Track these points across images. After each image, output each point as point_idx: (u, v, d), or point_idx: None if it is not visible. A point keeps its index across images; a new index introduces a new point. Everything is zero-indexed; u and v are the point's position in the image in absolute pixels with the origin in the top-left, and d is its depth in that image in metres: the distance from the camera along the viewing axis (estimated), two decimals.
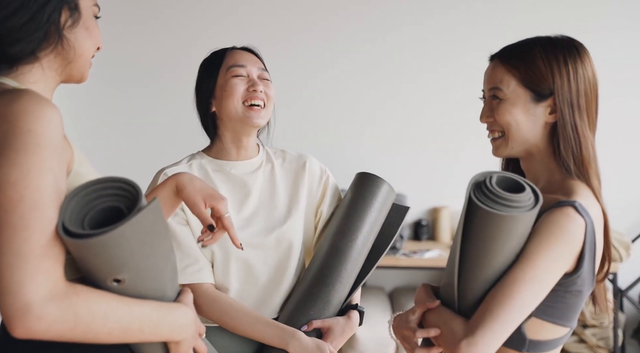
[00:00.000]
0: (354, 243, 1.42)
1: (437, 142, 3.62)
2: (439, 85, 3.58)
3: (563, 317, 1.08)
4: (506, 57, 1.16)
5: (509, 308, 1.00)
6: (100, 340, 0.90)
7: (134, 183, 0.92)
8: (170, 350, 1.02)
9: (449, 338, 1.04)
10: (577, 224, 1.03)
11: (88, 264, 0.90)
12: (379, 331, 3.03)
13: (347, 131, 3.62)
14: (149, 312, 0.94)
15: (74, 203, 0.90)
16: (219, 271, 1.44)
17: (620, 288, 3.26)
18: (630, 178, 3.50)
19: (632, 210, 3.49)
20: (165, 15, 3.60)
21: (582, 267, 1.05)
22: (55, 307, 0.83)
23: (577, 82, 1.11)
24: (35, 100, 0.90)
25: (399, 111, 3.62)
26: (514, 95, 1.13)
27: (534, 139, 1.14)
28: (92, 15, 1.06)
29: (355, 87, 3.62)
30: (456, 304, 1.08)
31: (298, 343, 1.36)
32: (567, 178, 1.12)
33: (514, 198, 1.00)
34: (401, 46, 3.59)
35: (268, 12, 3.59)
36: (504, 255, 1.02)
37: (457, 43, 3.53)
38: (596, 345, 3.07)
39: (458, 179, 3.57)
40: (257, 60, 1.52)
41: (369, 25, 3.58)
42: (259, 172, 1.50)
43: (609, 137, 3.46)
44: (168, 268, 0.99)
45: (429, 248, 3.29)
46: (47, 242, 0.85)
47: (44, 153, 0.87)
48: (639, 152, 3.51)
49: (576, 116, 1.11)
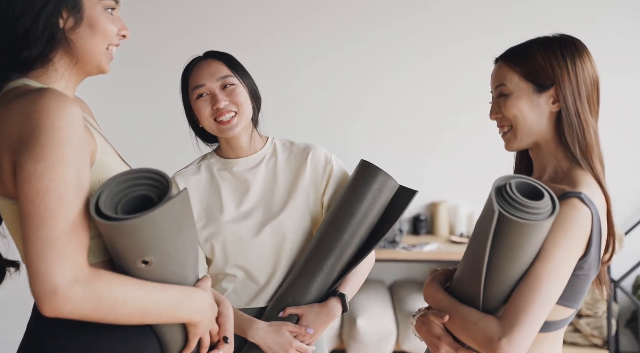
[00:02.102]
0: (340, 235, 1.44)
1: (435, 138, 3.67)
2: (437, 81, 3.63)
3: (571, 299, 1.16)
4: (508, 57, 1.25)
5: (539, 303, 1.07)
6: (121, 321, 0.97)
7: (165, 174, 0.99)
8: (188, 331, 1.10)
9: (484, 339, 1.08)
10: (584, 214, 1.10)
11: (119, 246, 0.97)
12: (380, 323, 3.10)
13: (343, 127, 3.67)
14: (168, 298, 1.01)
15: (110, 190, 0.97)
16: (218, 262, 1.51)
17: (614, 278, 3.33)
18: (623, 173, 3.56)
19: (626, 203, 3.56)
20: (152, 9, 3.65)
21: (590, 253, 1.12)
22: (79, 290, 0.91)
23: (576, 72, 1.19)
24: (56, 98, 0.96)
25: (397, 107, 3.67)
26: (518, 88, 1.21)
27: (541, 129, 1.22)
28: (101, 11, 1.07)
29: (352, 82, 3.67)
30: (481, 304, 1.13)
31: (255, 331, 1.44)
32: (573, 167, 1.19)
33: (534, 205, 1.05)
34: (399, 41, 3.64)
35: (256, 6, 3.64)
36: (527, 257, 1.08)
37: (460, 41, 3.59)
38: (590, 334, 3.15)
39: (455, 174, 3.66)
40: (218, 68, 1.50)
41: (359, 20, 3.63)
42: (260, 167, 1.55)
43: (603, 133, 3.54)
44: (191, 255, 1.06)
45: (428, 242, 3.37)
46: (72, 230, 0.92)
47: (67, 147, 0.94)
48: (632, 147, 3.58)
49: (578, 103, 1.19)
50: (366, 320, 3.11)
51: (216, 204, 1.53)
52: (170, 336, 1.10)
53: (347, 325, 3.18)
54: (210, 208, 1.53)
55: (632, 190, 3.58)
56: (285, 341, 1.43)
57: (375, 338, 3.10)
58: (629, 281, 3.53)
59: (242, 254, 1.50)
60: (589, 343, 3.17)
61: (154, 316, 1.01)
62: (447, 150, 3.66)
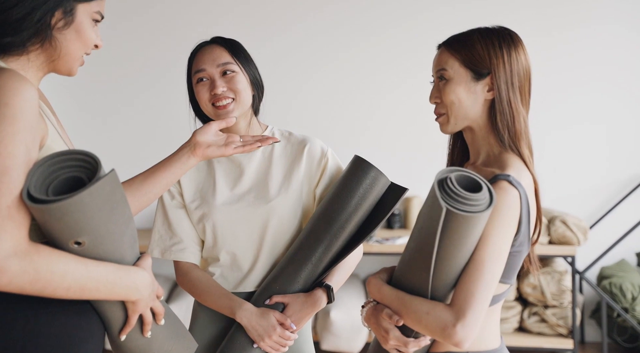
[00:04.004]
0: (330, 227, 1.47)
1: (407, 136, 3.74)
2: (413, 79, 3.70)
3: (506, 276, 1.23)
4: (450, 43, 1.32)
5: (485, 285, 1.13)
6: (59, 295, 0.99)
7: (94, 156, 1.00)
8: (127, 308, 1.13)
9: (438, 327, 1.12)
10: (512, 195, 1.18)
11: (51, 228, 0.99)
12: (353, 315, 3.15)
13: (321, 123, 3.72)
14: (105, 274, 1.03)
15: (39, 172, 0.98)
16: (208, 244, 1.56)
17: (579, 270, 3.44)
18: (590, 169, 3.68)
19: (591, 198, 3.68)
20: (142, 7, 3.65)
21: (520, 231, 1.20)
22: (17, 263, 0.93)
23: (511, 63, 1.27)
24: (15, 78, 0.99)
25: (374, 103, 3.74)
26: (457, 75, 1.28)
27: (474, 115, 1.29)
28: (89, 21, 1.15)
29: (330, 82, 3.72)
30: (429, 293, 1.17)
31: (244, 312, 1.48)
32: (503, 152, 1.27)
33: (474, 197, 1.10)
34: (394, 39, 3.69)
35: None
36: (470, 245, 1.14)
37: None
38: (556, 324, 3.25)
39: (427, 171, 3.73)
40: (220, 54, 1.53)
41: (356, 17, 3.67)
42: (256, 153, 1.58)
43: (571, 129, 3.65)
44: (127, 233, 1.08)
45: (401, 235, 3.44)
46: (14, 205, 0.94)
47: (19, 125, 0.96)
48: (599, 143, 3.68)
49: (510, 93, 1.26)
50: (340, 312, 3.16)
51: (210, 186, 1.57)
52: (111, 313, 1.12)
53: (321, 317, 3.23)
54: (205, 190, 1.57)
55: (596, 186, 3.69)
56: (270, 326, 1.47)
57: (348, 330, 3.16)
58: (593, 272, 3.64)
59: (230, 237, 1.54)
60: (554, 333, 3.27)
61: (92, 292, 1.03)
62: (419, 148, 3.72)
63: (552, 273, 3.25)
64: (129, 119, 3.83)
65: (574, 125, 3.67)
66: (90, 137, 3.75)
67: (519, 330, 3.36)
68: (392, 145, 3.74)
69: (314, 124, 3.70)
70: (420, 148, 3.71)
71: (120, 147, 3.77)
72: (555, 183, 3.65)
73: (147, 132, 3.80)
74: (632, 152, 3.66)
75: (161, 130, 3.74)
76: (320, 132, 3.69)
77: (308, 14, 3.76)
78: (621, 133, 3.66)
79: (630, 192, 3.59)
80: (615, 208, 3.63)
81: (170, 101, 3.59)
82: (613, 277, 3.38)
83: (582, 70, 3.64)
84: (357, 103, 3.76)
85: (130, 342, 1.17)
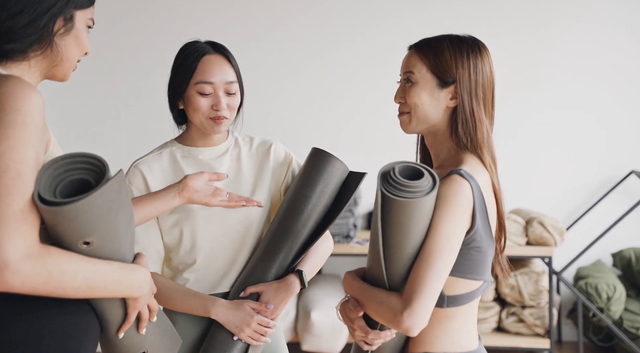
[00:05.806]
0: (297, 218, 1.51)
1: (387, 138, 3.75)
2: (392, 81, 3.72)
3: (472, 271, 1.25)
4: (420, 47, 1.34)
5: (432, 275, 1.16)
6: (69, 295, 1.02)
7: (101, 158, 1.03)
8: (128, 306, 1.16)
9: (389, 314, 1.18)
10: (463, 187, 1.20)
11: (60, 229, 1.01)
12: (333, 316, 3.15)
13: (306, 128, 3.74)
14: (112, 273, 1.07)
15: (47, 175, 1.01)
16: (185, 247, 1.55)
17: (555, 270, 3.48)
18: (566, 171, 3.73)
19: (568, 200, 3.74)
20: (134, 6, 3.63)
21: (476, 224, 1.22)
22: (30, 265, 0.95)
23: (477, 74, 1.29)
24: (22, 84, 1.02)
25: (352, 109, 3.76)
26: (424, 80, 1.31)
27: (436, 119, 1.31)
28: (84, 27, 1.19)
29: (310, 84, 3.73)
30: (386, 283, 1.22)
31: (218, 308, 1.49)
32: (460, 152, 1.30)
33: (414, 184, 1.16)
34: (383, 38, 3.71)
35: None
36: (417, 233, 1.18)
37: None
38: (533, 324, 3.30)
39: None
40: (227, 71, 1.54)
41: (347, 16, 3.68)
42: (225, 157, 1.60)
43: (548, 132, 3.71)
44: (129, 233, 1.11)
45: None
46: (27, 208, 0.96)
47: (29, 130, 0.99)
48: (576, 146, 3.73)
49: (474, 103, 1.29)
50: (320, 313, 3.18)
51: None
52: (110, 312, 1.14)
53: (302, 318, 3.24)
54: None
55: (573, 188, 3.75)
56: (247, 315, 1.48)
57: (329, 331, 3.17)
58: (570, 273, 3.69)
59: (210, 239, 1.55)
60: (532, 333, 3.32)
61: (100, 290, 1.06)
62: (400, 150, 3.73)
63: (530, 273, 3.30)
64: (125, 121, 3.81)
65: (551, 128, 3.72)
66: (91, 137, 3.75)
67: (497, 330, 3.40)
68: (372, 146, 3.76)
69: (293, 126, 3.71)
70: (401, 149, 3.72)
71: (119, 148, 3.74)
72: (532, 185, 3.70)
73: (146, 131, 3.77)
74: (608, 154, 3.72)
75: (158, 132, 3.71)
76: (300, 134, 3.71)
77: (288, 17, 3.77)
78: (597, 136, 3.71)
79: (606, 194, 3.66)
80: (591, 210, 3.68)
81: (167, 101, 3.57)
82: (589, 278, 3.44)
83: (559, 71, 3.69)
84: (337, 105, 3.78)
85: (126, 339, 1.19)
